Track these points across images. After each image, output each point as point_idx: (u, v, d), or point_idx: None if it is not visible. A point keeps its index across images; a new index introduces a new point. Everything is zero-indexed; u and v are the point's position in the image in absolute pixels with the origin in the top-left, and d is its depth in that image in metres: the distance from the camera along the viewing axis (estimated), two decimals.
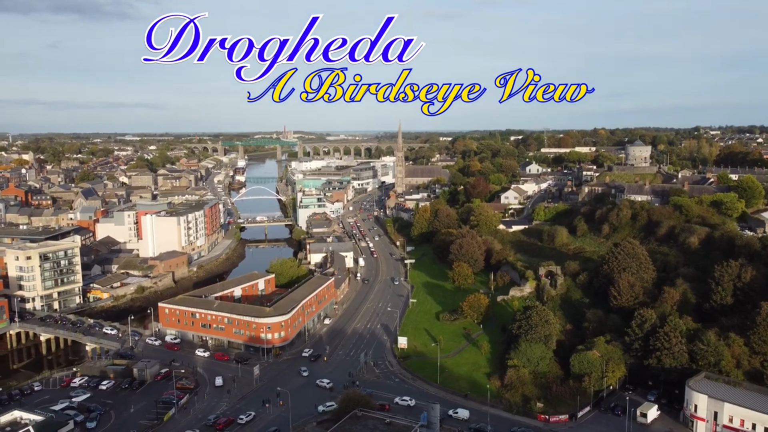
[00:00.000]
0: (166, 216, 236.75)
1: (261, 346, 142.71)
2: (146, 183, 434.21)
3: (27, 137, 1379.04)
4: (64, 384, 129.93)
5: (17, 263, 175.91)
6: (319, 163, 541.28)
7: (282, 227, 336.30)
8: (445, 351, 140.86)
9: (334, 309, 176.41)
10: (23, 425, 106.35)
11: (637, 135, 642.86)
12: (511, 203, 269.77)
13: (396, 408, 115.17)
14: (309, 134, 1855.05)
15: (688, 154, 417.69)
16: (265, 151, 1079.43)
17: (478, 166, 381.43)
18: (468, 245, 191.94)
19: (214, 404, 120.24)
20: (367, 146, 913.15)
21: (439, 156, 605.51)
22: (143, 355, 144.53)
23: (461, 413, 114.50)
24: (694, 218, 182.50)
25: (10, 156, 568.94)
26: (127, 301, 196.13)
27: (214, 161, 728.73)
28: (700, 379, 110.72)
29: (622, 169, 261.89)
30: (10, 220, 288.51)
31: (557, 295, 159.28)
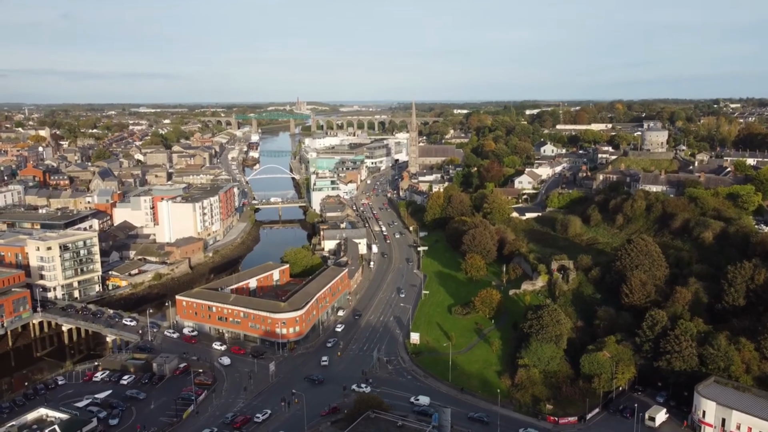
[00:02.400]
0: (182, 202, 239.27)
1: (276, 341, 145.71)
2: (161, 161, 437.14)
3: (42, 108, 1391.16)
4: (86, 378, 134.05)
5: (38, 253, 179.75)
6: (333, 140, 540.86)
7: (296, 208, 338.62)
8: (457, 347, 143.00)
9: (348, 300, 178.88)
10: (49, 423, 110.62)
11: (655, 110, 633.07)
12: (525, 188, 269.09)
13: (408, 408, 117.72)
14: (322, 105, 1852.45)
15: (706, 133, 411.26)
16: (278, 124, 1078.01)
17: (492, 146, 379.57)
18: (481, 236, 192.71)
19: (231, 401, 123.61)
20: (381, 119, 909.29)
21: (453, 132, 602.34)
22: (162, 348, 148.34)
23: (422, 399, 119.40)
24: (710, 211, 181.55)
25: (27, 132, 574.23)
26: (144, 288, 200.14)
27: (227, 135, 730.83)
28: (710, 383, 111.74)
29: (638, 155, 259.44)
30: (29, 202, 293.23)
31: (569, 290, 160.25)
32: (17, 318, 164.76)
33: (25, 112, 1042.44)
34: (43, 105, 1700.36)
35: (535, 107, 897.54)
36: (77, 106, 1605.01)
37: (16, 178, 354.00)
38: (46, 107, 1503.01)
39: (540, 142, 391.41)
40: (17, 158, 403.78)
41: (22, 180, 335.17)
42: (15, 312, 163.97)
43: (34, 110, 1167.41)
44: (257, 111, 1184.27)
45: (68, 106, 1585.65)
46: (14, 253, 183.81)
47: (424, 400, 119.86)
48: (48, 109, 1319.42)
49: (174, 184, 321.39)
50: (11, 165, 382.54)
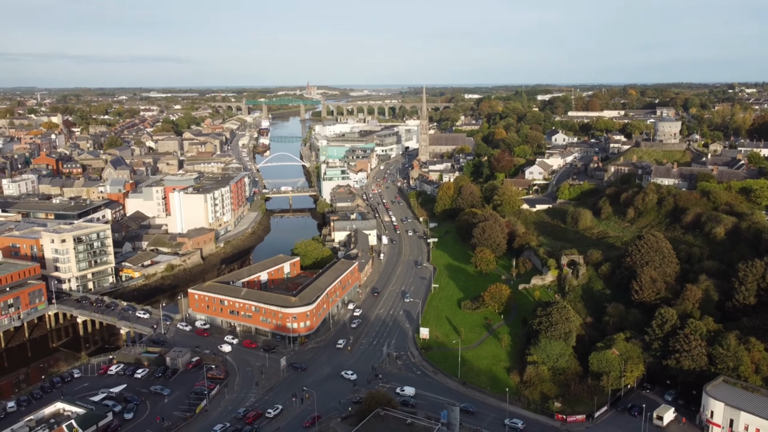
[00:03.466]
0: (193, 193, 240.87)
1: (287, 335, 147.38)
2: (172, 148, 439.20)
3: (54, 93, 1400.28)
4: (101, 371, 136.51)
5: (53, 246, 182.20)
6: (343, 128, 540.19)
7: (306, 197, 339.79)
8: (466, 342, 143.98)
9: (358, 293, 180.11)
10: (66, 417, 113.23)
11: (669, 96, 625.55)
12: (536, 179, 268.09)
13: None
14: (332, 89, 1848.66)
15: (720, 121, 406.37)
16: (288, 109, 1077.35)
17: (503, 134, 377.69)
18: (491, 229, 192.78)
19: (243, 396, 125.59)
20: (391, 105, 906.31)
21: (463, 119, 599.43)
22: (174, 341, 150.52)
23: (407, 390, 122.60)
24: (722, 205, 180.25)
25: (39, 119, 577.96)
26: (157, 279, 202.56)
27: (238, 121, 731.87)
28: (718, 383, 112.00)
29: (650, 146, 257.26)
30: (43, 191, 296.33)
31: (579, 285, 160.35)
32: (33, 310, 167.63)
33: (37, 97, 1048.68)
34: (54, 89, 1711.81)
35: (546, 92, 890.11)
36: (88, 90, 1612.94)
37: (29, 166, 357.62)
38: (57, 92, 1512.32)
39: (551, 130, 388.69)
40: (30, 146, 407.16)
41: (36, 168, 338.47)
42: (31, 304, 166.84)
43: (46, 95, 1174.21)
44: (267, 96, 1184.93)
45: (80, 90, 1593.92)
46: (29, 245, 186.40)
47: (409, 390, 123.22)
48: (60, 93, 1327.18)
49: (185, 173, 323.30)
50: (25, 153, 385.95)
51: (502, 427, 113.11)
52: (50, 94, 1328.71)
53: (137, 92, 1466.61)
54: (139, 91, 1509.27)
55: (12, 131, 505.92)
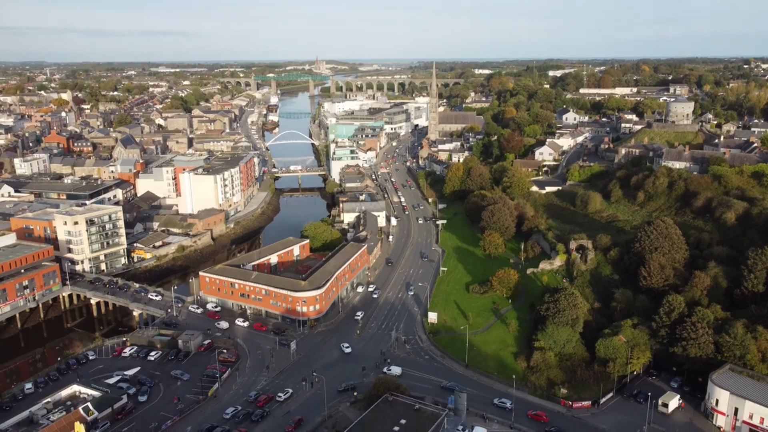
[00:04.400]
0: (203, 174, 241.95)
1: (297, 318, 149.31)
2: (181, 126, 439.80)
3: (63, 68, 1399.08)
4: (115, 353, 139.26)
5: (65, 228, 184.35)
6: (352, 105, 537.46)
7: (316, 176, 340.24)
8: (474, 327, 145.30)
9: (367, 275, 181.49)
10: (82, 400, 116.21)
11: (682, 73, 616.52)
12: (546, 160, 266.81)
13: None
14: (341, 64, 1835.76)
15: (734, 99, 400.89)
16: (297, 84, 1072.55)
17: (514, 112, 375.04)
18: (500, 212, 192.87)
19: (254, 379, 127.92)
20: (401, 80, 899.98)
21: (473, 95, 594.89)
22: (186, 324, 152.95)
23: (394, 370, 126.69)
24: (733, 190, 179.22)
25: (49, 95, 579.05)
26: (168, 260, 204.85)
27: (247, 98, 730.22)
28: (724, 371, 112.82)
29: (662, 127, 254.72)
30: (54, 171, 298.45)
31: (587, 270, 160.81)
32: (48, 291, 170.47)
33: (46, 72, 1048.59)
34: (63, 64, 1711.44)
35: (558, 68, 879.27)
36: (97, 65, 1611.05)
37: (40, 144, 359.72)
38: (66, 66, 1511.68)
39: (562, 109, 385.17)
40: (41, 124, 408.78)
41: (47, 147, 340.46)
42: (45, 285, 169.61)
43: (55, 70, 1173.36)
44: (276, 71, 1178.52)
45: (88, 65, 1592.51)
46: (43, 227, 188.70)
47: (396, 370, 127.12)
48: (69, 69, 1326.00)
49: (195, 152, 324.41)
50: (36, 131, 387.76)
51: (492, 407, 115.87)
52: (59, 69, 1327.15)
53: (146, 67, 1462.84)
54: (148, 66, 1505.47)
55: (22, 108, 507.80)
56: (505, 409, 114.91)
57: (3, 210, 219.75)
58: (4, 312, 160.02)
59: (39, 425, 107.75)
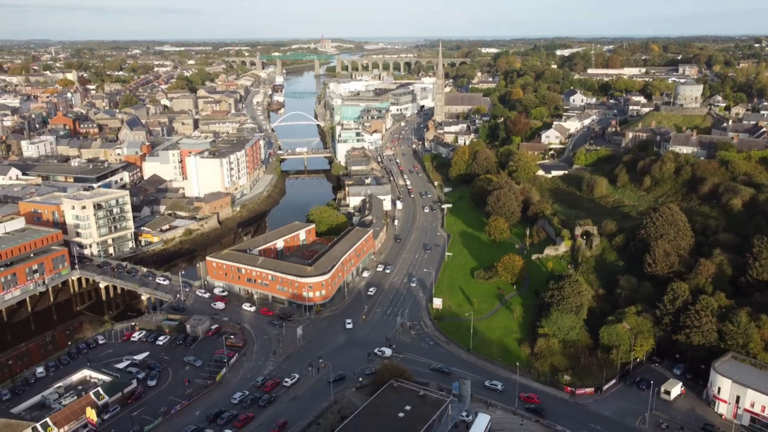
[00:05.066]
0: (209, 157, 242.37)
1: (303, 303, 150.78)
2: (187, 107, 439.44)
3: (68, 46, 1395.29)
4: (124, 338, 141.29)
5: (73, 212, 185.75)
6: (357, 85, 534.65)
7: (321, 158, 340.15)
8: (479, 313, 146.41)
9: (372, 260, 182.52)
10: (93, 384, 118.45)
11: (692, 52, 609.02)
12: (552, 143, 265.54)
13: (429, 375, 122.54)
14: (347, 42, 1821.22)
15: (744, 80, 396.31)
16: (303, 63, 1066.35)
17: (521, 94, 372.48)
18: (505, 197, 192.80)
19: (261, 364, 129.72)
20: (407, 60, 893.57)
21: (480, 75, 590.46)
22: (194, 308, 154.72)
23: (386, 352, 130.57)
24: (741, 176, 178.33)
25: (55, 75, 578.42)
26: (175, 244, 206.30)
27: (252, 77, 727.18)
28: (727, 359, 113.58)
29: (670, 110, 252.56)
30: (61, 153, 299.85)
31: (592, 256, 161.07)
32: (57, 275, 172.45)
33: (51, 51, 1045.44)
34: (68, 42, 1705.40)
35: (566, 47, 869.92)
36: (102, 43, 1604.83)
37: (47, 126, 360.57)
38: (71, 45, 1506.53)
39: (570, 90, 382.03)
40: (47, 105, 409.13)
41: (53, 129, 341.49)
42: (55, 269, 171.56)
43: (60, 49, 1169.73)
44: (281, 50, 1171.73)
45: (93, 43, 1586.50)
46: (51, 211, 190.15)
47: (386, 352, 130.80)
48: (74, 47, 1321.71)
49: (201, 135, 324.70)
50: (42, 112, 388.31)
51: (485, 389, 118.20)
52: (64, 47, 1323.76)
53: (150, 45, 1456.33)
54: (153, 45, 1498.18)
55: (28, 89, 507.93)
56: (496, 391, 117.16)
57: (11, 193, 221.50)
58: (14, 296, 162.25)
59: (51, 409, 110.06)
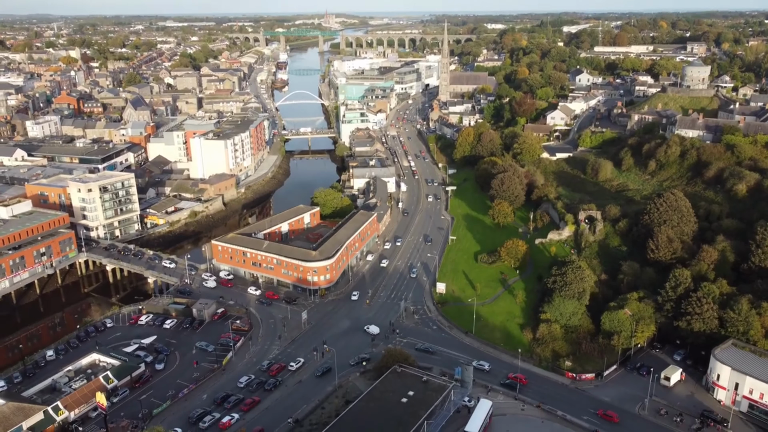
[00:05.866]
0: (213, 138, 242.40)
1: (308, 287, 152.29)
2: (191, 85, 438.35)
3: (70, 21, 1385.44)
4: (132, 321, 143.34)
5: (80, 195, 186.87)
6: (362, 63, 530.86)
7: (326, 138, 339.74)
8: (482, 298, 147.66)
9: (376, 243, 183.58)
10: (102, 368, 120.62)
11: (701, 30, 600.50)
12: (557, 124, 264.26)
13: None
14: (351, 17, 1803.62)
15: (753, 59, 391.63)
16: (306, 40, 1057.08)
17: (526, 73, 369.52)
18: (509, 181, 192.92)
19: (266, 348, 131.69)
20: (412, 36, 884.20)
21: (485, 53, 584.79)
22: (200, 292, 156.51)
23: (372, 329, 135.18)
24: (746, 160, 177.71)
25: (58, 53, 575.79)
26: (181, 226, 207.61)
27: (256, 54, 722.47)
28: (727, 346, 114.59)
29: (677, 92, 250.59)
30: (66, 133, 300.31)
31: (595, 241, 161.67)
32: (64, 258, 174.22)
33: (54, 27, 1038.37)
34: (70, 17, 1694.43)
35: (573, 23, 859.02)
36: (104, 19, 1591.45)
37: (51, 105, 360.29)
38: (73, 20, 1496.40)
39: (576, 69, 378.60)
40: (51, 84, 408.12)
41: (58, 108, 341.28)
42: (62, 252, 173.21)
43: (62, 25, 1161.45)
44: (285, 26, 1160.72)
45: (95, 19, 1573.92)
46: (57, 194, 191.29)
47: (373, 329, 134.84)
48: (76, 23, 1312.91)
49: (205, 115, 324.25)
50: (46, 91, 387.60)
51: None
52: (66, 23, 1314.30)
53: (153, 21, 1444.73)
54: (155, 20, 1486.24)
55: (32, 67, 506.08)
56: (483, 371, 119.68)
57: (17, 175, 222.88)
58: (23, 278, 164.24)
59: (62, 393, 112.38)
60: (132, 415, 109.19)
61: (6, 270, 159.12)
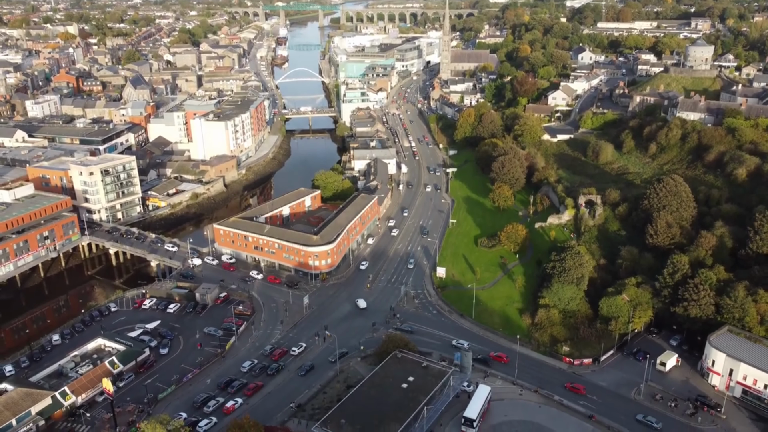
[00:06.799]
0: (214, 120, 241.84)
1: (309, 272, 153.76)
2: (190, 62, 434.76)
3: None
4: (136, 305, 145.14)
5: (81, 178, 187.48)
6: (362, 40, 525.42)
7: (326, 117, 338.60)
8: (481, 282, 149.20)
9: (377, 226, 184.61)
10: (107, 353, 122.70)
11: (706, 5, 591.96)
12: (559, 104, 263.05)
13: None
14: None
15: (758, 36, 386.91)
16: (306, 14, 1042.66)
17: (528, 50, 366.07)
18: (510, 164, 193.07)
19: (269, 333, 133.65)
20: (413, 11, 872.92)
21: (487, 28, 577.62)
22: (202, 275, 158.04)
23: (360, 303, 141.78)
24: (747, 144, 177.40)
25: (55, 28, 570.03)
26: (182, 208, 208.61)
27: (255, 29, 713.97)
28: (723, 332, 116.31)
29: (679, 72, 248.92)
30: (65, 112, 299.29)
31: (595, 226, 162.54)
32: (68, 241, 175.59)
33: (50, 1, 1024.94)
34: None
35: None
36: None
37: (50, 84, 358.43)
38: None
39: (578, 47, 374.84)
40: (49, 61, 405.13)
41: (57, 87, 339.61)
42: (65, 235, 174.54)
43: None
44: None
45: None
46: (59, 177, 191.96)
47: (361, 303, 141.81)
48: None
49: (205, 94, 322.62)
50: (45, 69, 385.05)
51: (453, 348, 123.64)
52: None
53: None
54: None
55: (30, 43, 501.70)
56: (464, 349, 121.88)
57: (18, 156, 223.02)
58: (27, 262, 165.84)
59: (68, 378, 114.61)
60: (138, 399, 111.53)
61: (10, 254, 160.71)
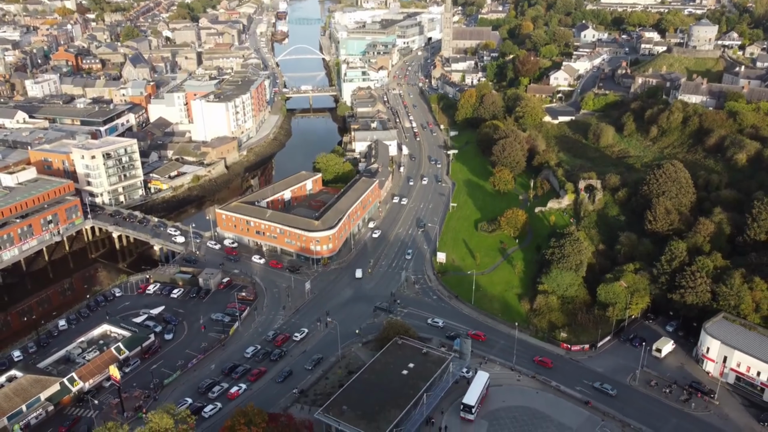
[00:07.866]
0: (214, 101, 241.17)
1: (311, 257, 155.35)
2: (189, 39, 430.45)
3: None
4: (140, 290, 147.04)
5: (83, 161, 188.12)
6: (363, 15, 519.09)
7: (327, 96, 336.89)
8: (481, 267, 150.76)
9: (378, 210, 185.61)
10: (113, 339, 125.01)
11: None
12: (561, 85, 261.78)
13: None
14: None
15: (763, 12, 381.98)
16: None
17: (530, 27, 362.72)
18: (510, 147, 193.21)
19: (271, 318, 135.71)
20: None
21: (490, 3, 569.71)
22: (205, 260, 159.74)
23: (357, 272, 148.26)
24: (748, 128, 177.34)
25: (53, 3, 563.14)
26: (184, 191, 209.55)
27: (255, 3, 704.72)
28: (718, 320, 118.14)
29: (682, 52, 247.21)
30: (65, 92, 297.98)
31: (594, 210, 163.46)
32: (71, 225, 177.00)
33: None
34: None
35: None
36: None
37: (49, 62, 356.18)
38: None
39: (581, 24, 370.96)
40: (48, 38, 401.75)
41: (56, 66, 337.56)
42: (68, 219, 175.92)
43: None
44: None
45: None
46: (61, 160, 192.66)
47: (358, 273, 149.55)
48: None
49: (205, 73, 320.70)
50: (43, 46, 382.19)
51: (429, 327, 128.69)
52: None
53: None
54: None
55: (27, 19, 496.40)
56: (437, 327, 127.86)
57: (20, 138, 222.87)
58: (31, 246, 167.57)
59: (75, 364, 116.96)
60: (144, 385, 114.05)
61: (15, 238, 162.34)
